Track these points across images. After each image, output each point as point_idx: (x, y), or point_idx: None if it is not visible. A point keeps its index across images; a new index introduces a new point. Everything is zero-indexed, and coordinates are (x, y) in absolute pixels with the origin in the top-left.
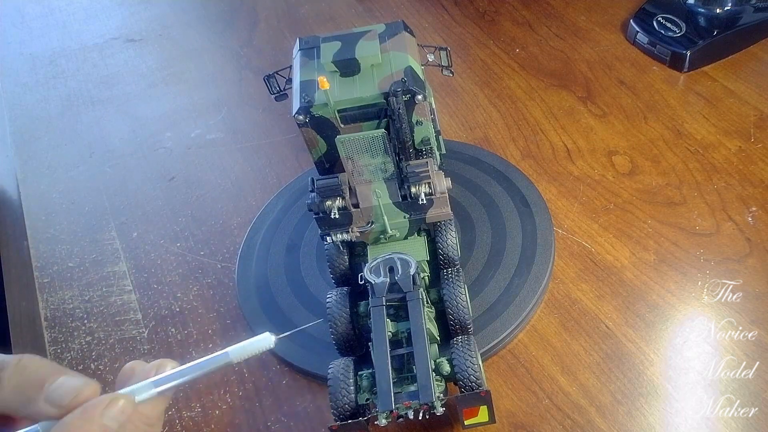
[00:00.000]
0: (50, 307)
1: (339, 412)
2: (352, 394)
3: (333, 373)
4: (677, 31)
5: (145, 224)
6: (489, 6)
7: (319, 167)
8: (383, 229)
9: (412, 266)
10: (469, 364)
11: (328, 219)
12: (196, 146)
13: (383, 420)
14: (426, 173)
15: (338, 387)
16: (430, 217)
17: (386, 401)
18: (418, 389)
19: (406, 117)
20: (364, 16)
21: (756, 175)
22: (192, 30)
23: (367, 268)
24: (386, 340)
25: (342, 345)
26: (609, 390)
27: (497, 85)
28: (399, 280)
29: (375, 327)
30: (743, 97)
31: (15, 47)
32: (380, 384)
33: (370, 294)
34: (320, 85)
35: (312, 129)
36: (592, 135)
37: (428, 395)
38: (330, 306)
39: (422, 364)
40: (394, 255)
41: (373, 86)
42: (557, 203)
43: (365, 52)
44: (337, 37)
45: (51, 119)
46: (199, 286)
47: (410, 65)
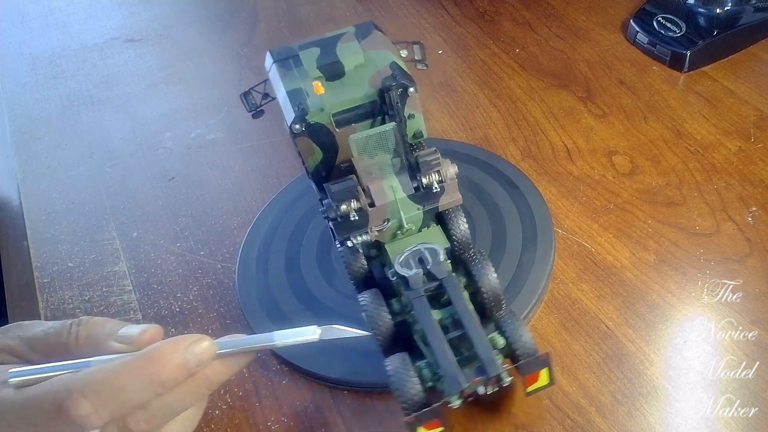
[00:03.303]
0: (50, 307)
1: (409, 404)
2: (419, 384)
3: (393, 368)
4: (677, 31)
5: (145, 224)
6: (489, 6)
7: (315, 177)
8: (400, 225)
9: (441, 253)
10: (522, 332)
11: (347, 223)
12: (196, 146)
13: (456, 402)
14: (437, 161)
15: (402, 381)
16: (443, 204)
17: (456, 382)
18: (483, 364)
19: (402, 110)
20: (364, 16)
21: (756, 175)
22: (192, 30)
23: (396, 263)
24: (437, 326)
25: (387, 342)
26: (609, 390)
27: (497, 85)
28: (432, 268)
29: (422, 317)
30: (743, 97)
31: (15, 47)
32: (445, 368)
33: (404, 288)
34: (315, 90)
35: (308, 138)
36: (592, 135)
37: (495, 368)
38: (367, 308)
39: (480, 339)
40: (420, 246)
41: (363, 85)
42: (557, 203)
43: (347, 54)
44: (313, 44)
45: (51, 119)
46: (199, 286)
47: (394, 61)
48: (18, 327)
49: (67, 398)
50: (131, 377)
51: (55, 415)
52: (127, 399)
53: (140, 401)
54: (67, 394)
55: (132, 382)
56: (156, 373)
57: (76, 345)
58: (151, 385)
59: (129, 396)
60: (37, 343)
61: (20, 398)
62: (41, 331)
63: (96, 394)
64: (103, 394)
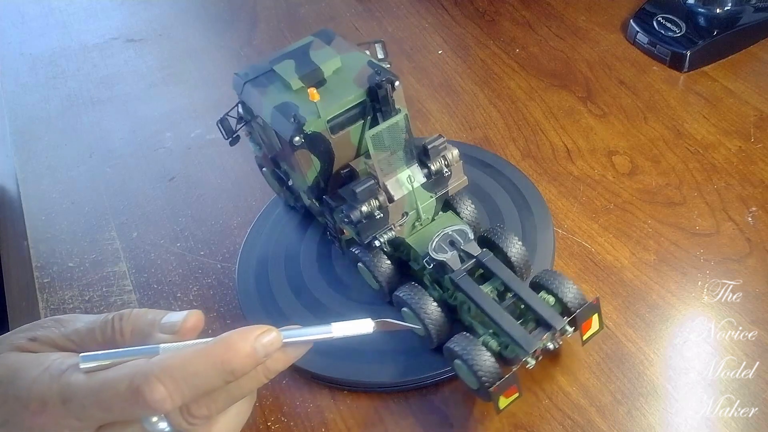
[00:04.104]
0: (50, 307)
1: (489, 376)
2: (491, 355)
3: (462, 347)
4: (677, 31)
5: (145, 224)
6: (489, 6)
7: (314, 191)
8: (417, 215)
9: (470, 232)
10: (568, 286)
11: (372, 222)
12: (196, 146)
13: (531, 361)
14: (444, 144)
15: (476, 355)
16: (453, 188)
17: (529, 343)
18: (547, 320)
19: (394, 104)
20: (364, 16)
21: (756, 175)
22: (192, 30)
23: (430, 250)
24: (490, 297)
25: (440, 329)
26: (609, 390)
27: (497, 85)
28: (466, 247)
29: (474, 293)
30: (743, 97)
31: (15, 47)
32: (513, 332)
33: (440, 274)
34: (310, 97)
35: (307, 150)
36: (592, 135)
37: (559, 320)
38: (411, 300)
39: (535, 299)
40: (447, 229)
41: (350, 87)
42: (557, 203)
43: (324, 60)
44: (284, 56)
45: (51, 119)
46: (199, 286)
47: (370, 60)
48: (56, 321)
49: (144, 382)
50: (204, 364)
51: (130, 399)
52: (199, 385)
53: (211, 388)
54: (144, 378)
55: (205, 369)
56: (228, 362)
57: (122, 340)
58: (223, 372)
59: (201, 382)
60: (79, 337)
61: (94, 382)
62: (83, 326)
63: (171, 379)
64: (178, 380)
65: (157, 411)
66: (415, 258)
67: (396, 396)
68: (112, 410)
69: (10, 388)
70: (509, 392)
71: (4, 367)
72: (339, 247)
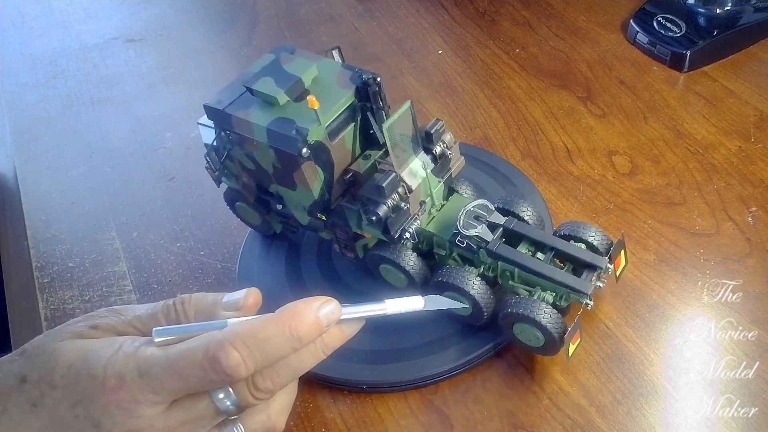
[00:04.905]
0: (50, 307)
1: (557, 327)
2: (553, 309)
3: (523, 307)
4: (677, 31)
5: (145, 224)
6: (489, 6)
7: (320, 205)
8: (432, 202)
9: (489, 204)
10: (592, 230)
11: (398, 216)
12: (196, 146)
13: (590, 302)
14: (442, 127)
15: (539, 312)
16: (455, 169)
17: (585, 286)
18: (590, 262)
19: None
20: (364, 16)
21: (756, 175)
22: (192, 30)
23: (461, 229)
24: (532, 256)
25: (488, 302)
26: (609, 390)
27: (497, 85)
28: (492, 219)
29: (515, 256)
30: (743, 97)
31: (15, 47)
32: (568, 281)
33: (472, 250)
34: (310, 105)
35: (312, 161)
36: (592, 135)
37: (601, 260)
38: (454, 279)
39: (572, 248)
40: (469, 206)
41: (337, 90)
42: (557, 203)
43: (302, 70)
44: (258, 75)
45: (51, 119)
46: (199, 286)
47: (342, 63)
48: (112, 311)
49: (220, 348)
50: (274, 330)
51: (206, 366)
52: (270, 351)
53: (280, 354)
54: (219, 345)
55: (275, 335)
56: (295, 328)
57: (186, 322)
58: (291, 339)
59: (272, 348)
60: (141, 322)
61: (170, 353)
62: (145, 312)
63: (244, 345)
64: (251, 345)
65: (232, 377)
66: (439, 243)
67: (396, 396)
68: (189, 379)
69: (83, 368)
70: (575, 338)
71: (73, 351)
72: (353, 257)
